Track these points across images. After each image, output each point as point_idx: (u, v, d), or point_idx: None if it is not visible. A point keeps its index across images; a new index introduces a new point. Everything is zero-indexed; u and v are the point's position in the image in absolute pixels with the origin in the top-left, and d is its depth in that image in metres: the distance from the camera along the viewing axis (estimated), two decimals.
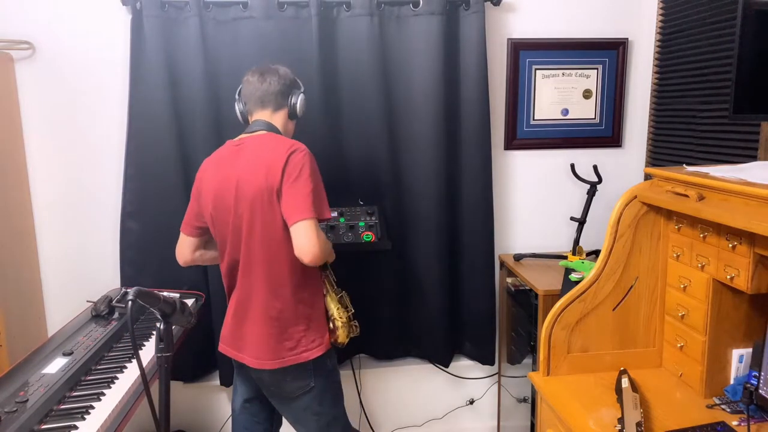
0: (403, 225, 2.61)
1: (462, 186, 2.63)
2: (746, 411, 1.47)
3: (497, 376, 2.87)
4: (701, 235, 1.58)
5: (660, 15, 2.60)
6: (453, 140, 2.58)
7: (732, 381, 1.63)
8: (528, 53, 2.65)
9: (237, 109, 1.97)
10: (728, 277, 1.49)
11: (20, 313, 2.37)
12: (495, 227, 2.68)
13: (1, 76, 2.31)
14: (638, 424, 1.39)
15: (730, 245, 1.46)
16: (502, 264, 2.72)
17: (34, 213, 2.50)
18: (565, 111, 2.73)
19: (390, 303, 2.65)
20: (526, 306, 2.44)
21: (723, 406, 1.59)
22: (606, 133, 2.78)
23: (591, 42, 2.68)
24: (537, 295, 2.29)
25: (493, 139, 2.62)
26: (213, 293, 2.49)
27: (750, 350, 1.59)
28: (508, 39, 2.63)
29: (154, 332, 1.36)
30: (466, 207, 2.64)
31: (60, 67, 2.41)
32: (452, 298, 2.70)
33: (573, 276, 2.06)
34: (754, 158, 2.03)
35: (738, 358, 1.62)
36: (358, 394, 2.76)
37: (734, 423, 1.50)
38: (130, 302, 1.22)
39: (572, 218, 2.53)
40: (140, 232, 2.47)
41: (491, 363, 2.78)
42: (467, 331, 2.78)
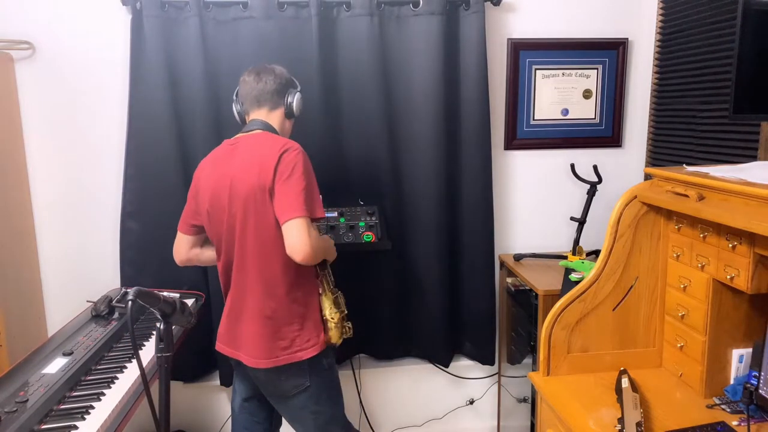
0: (403, 225, 2.61)
1: (462, 186, 2.63)
2: (746, 411, 1.47)
3: (497, 376, 2.87)
4: (701, 235, 1.58)
5: (660, 15, 2.60)
6: (453, 140, 2.58)
7: (732, 381, 1.63)
8: (528, 53, 2.65)
9: (234, 110, 1.97)
10: (728, 277, 1.49)
11: (20, 313, 2.37)
12: (495, 227, 2.68)
13: (1, 76, 2.31)
14: (638, 424, 1.39)
15: (730, 245, 1.46)
16: (502, 264, 2.72)
17: (34, 213, 2.50)
18: (565, 111, 2.73)
19: (390, 303, 2.65)
20: (526, 306, 2.44)
21: (723, 406, 1.59)
22: (606, 133, 2.78)
23: (591, 42, 2.68)
24: (537, 295, 2.29)
25: (493, 139, 2.62)
26: (213, 293, 2.49)
27: (750, 350, 1.59)
28: (508, 39, 2.63)
29: (154, 332, 1.36)
30: (466, 207, 2.64)
31: (60, 67, 2.42)
32: (452, 298, 2.70)
33: (573, 276, 2.06)
34: (754, 158, 2.03)
35: (738, 358, 1.62)
36: (358, 394, 2.76)
37: (734, 423, 1.50)
38: (130, 302, 1.22)
39: (572, 218, 2.53)
40: (140, 232, 2.47)
41: (491, 363, 2.78)
42: (467, 331, 2.78)
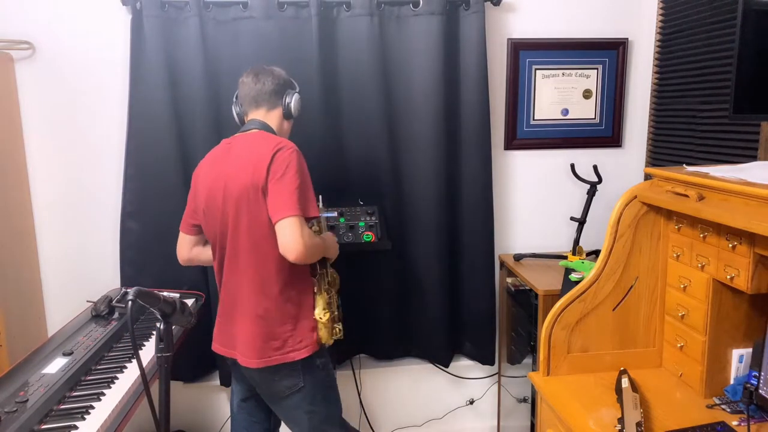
0: (403, 225, 2.61)
1: (462, 186, 2.63)
2: (746, 411, 1.47)
3: (497, 376, 2.87)
4: (701, 235, 1.58)
5: (660, 15, 2.60)
6: (453, 140, 2.58)
7: (732, 381, 1.63)
8: (528, 53, 2.65)
9: (234, 112, 1.98)
10: (728, 277, 1.49)
11: (20, 313, 2.37)
12: (495, 227, 2.68)
13: (1, 76, 2.31)
14: (638, 424, 1.39)
15: (730, 245, 1.46)
16: (502, 264, 2.72)
17: (34, 213, 2.50)
18: (565, 111, 2.73)
19: (390, 303, 2.65)
20: (526, 306, 2.44)
21: (723, 406, 1.59)
22: (606, 133, 2.78)
23: (591, 42, 2.68)
24: (537, 295, 2.29)
25: (493, 139, 2.62)
26: (213, 293, 2.49)
27: (750, 350, 1.59)
28: (508, 39, 2.63)
29: (154, 332, 1.36)
30: (466, 207, 2.64)
31: (60, 67, 2.42)
32: (452, 298, 2.70)
33: (573, 276, 2.06)
34: (754, 158, 2.03)
35: (738, 358, 1.62)
36: (358, 394, 2.76)
37: (734, 423, 1.50)
38: (130, 302, 1.22)
39: (572, 218, 2.53)
40: (140, 232, 2.47)
41: (491, 363, 2.78)
42: (467, 331, 2.78)
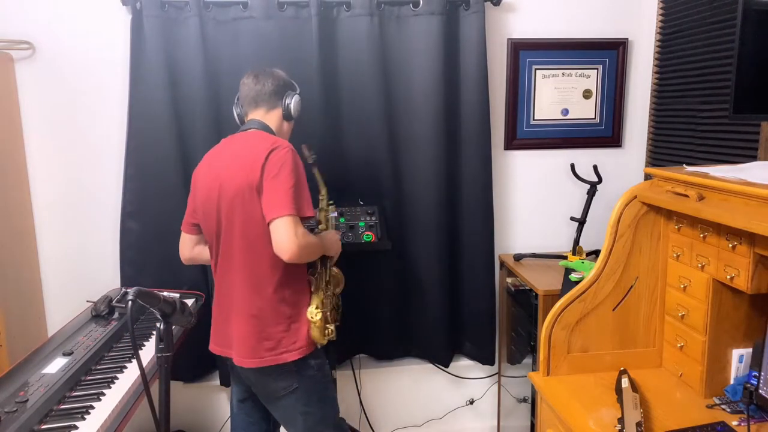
0: (403, 225, 2.61)
1: (462, 186, 2.63)
2: (746, 411, 1.47)
3: (497, 376, 2.87)
4: (701, 235, 1.58)
5: (660, 15, 2.60)
6: (453, 140, 2.58)
7: (732, 381, 1.63)
8: (528, 53, 2.65)
9: (235, 112, 1.98)
10: (728, 277, 1.49)
11: (20, 313, 2.37)
12: (495, 227, 2.68)
13: (1, 76, 2.31)
14: (638, 424, 1.39)
15: (730, 245, 1.46)
16: (502, 264, 2.72)
17: (34, 213, 2.50)
18: (565, 111, 2.73)
19: (390, 303, 2.65)
20: (526, 306, 2.44)
21: (723, 406, 1.59)
22: (606, 133, 2.78)
23: (591, 42, 2.68)
24: (537, 295, 2.29)
25: (493, 139, 2.62)
26: (213, 293, 2.48)
27: (750, 350, 1.59)
28: (508, 39, 2.63)
29: (154, 332, 1.36)
30: (466, 207, 2.64)
31: (60, 67, 2.42)
32: (452, 298, 2.70)
33: (573, 276, 2.06)
34: (754, 158, 2.03)
35: (738, 358, 1.62)
36: (358, 394, 2.76)
37: (734, 423, 1.50)
38: (130, 302, 1.22)
39: (572, 218, 2.53)
40: (140, 232, 2.47)
41: (491, 363, 2.78)
42: (467, 331, 2.78)
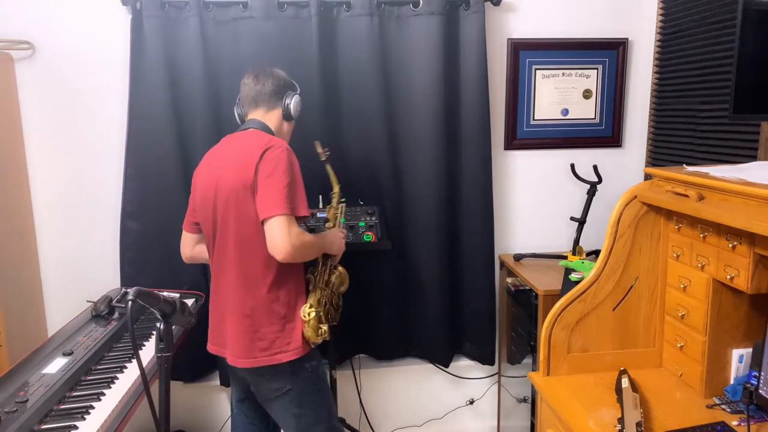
0: (403, 225, 2.61)
1: (462, 186, 2.63)
2: (746, 411, 1.47)
3: (497, 376, 2.87)
4: (701, 235, 1.58)
5: (660, 15, 2.60)
6: (453, 140, 2.58)
7: (732, 381, 1.63)
8: (528, 53, 2.65)
9: (236, 113, 1.99)
10: (728, 277, 1.49)
11: (20, 313, 2.37)
12: (495, 227, 2.68)
13: (1, 76, 2.31)
14: (638, 424, 1.39)
15: (730, 245, 1.46)
16: (502, 264, 2.72)
17: (34, 213, 2.50)
18: (565, 111, 2.73)
19: (390, 303, 2.65)
20: (526, 306, 2.44)
21: (723, 406, 1.59)
22: (606, 133, 2.78)
23: (591, 42, 2.68)
24: (537, 295, 2.29)
25: (493, 139, 2.62)
26: None
27: (750, 350, 1.59)
28: (508, 39, 2.63)
29: (154, 332, 1.36)
30: (466, 207, 2.64)
31: (60, 67, 2.41)
32: (452, 298, 2.70)
33: (573, 276, 2.06)
34: (754, 158, 2.03)
35: (738, 358, 1.62)
36: (358, 394, 2.75)
37: (734, 423, 1.50)
38: (130, 302, 1.22)
39: (572, 218, 2.53)
40: (140, 232, 2.47)
41: (491, 363, 2.78)
42: (467, 331, 2.78)
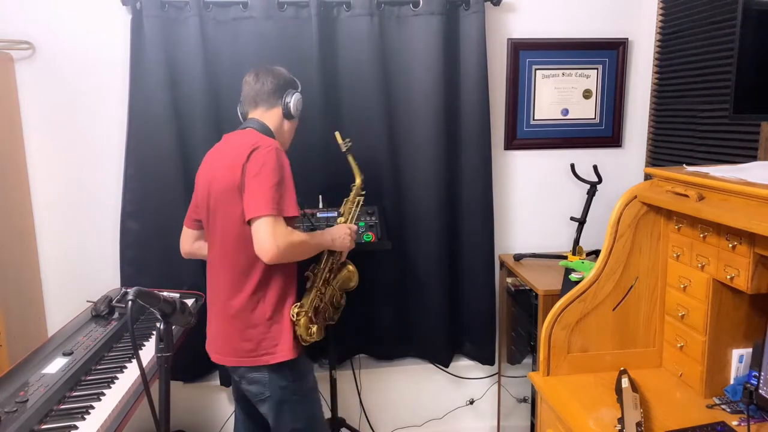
0: (403, 225, 2.61)
1: (462, 186, 2.63)
2: (746, 411, 1.47)
3: (497, 376, 2.87)
4: (701, 235, 1.58)
5: (660, 15, 2.60)
6: (453, 140, 2.58)
7: (732, 381, 1.63)
8: (528, 53, 2.65)
9: (239, 112, 2.00)
10: (728, 277, 1.49)
11: (20, 313, 2.36)
12: (495, 227, 2.68)
13: (1, 76, 2.31)
14: (638, 424, 1.39)
15: (730, 245, 1.46)
16: (502, 264, 2.72)
17: (34, 213, 2.50)
18: (565, 111, 2.73)
19: (390, 303, 2.65)
20: (526, 306, 2.44)
21: (723, 406, 1.59)
22: (606, 133, 2.78)
23: (591, 42, 2.67)
24: (537, 295, 2.29)
25: (493, 139, 2.62)
26: None
27: (750, 350, 1.59)
28: (508, 39, 2.63)
29: (154, 332, 1.36)
30: (466, 207, 2.64)
31: (60, 67, 2.41)
32: (452, 298, 2.70)
33: (573, 276, 2.06)
34: (754, 158, 2.03)
35: (738, 358, 1.62)
36: (358, 394, 2.75)
37: (734, 423, 1.50)
38: (130, 302, 1.22)
39: (572, 218, 2.53)
40: (140, 232, 2.47)
41: (491, 363, 2.78)
42: (467, 331, 2.78)
